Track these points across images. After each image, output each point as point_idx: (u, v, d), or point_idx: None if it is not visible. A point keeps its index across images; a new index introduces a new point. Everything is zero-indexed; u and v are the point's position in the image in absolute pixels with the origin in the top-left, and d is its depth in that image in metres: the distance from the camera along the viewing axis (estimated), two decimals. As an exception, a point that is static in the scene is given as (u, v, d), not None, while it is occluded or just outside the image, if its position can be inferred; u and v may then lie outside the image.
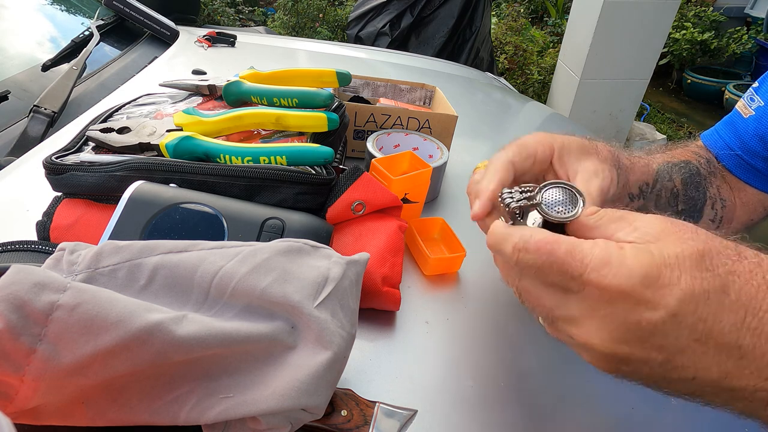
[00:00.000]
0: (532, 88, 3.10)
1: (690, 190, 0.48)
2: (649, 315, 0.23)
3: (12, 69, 0.66)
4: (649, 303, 0.23)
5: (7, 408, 0.23)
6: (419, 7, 2.37)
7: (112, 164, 0.40)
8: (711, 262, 0.23)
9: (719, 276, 0.23)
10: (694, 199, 0.48)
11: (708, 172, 0.50)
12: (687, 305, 0.23)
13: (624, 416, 0.36)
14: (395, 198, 0.45)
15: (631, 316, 0.23)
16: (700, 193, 0.49)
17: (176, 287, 0.28)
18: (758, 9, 3.37)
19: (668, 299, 0.23)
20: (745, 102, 0.50)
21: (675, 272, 0.23)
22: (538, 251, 0.26)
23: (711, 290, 0.23)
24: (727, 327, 0.22)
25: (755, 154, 0.48)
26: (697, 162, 0.50)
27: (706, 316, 0.23)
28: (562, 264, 0.25)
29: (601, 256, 0.24)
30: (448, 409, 0.35)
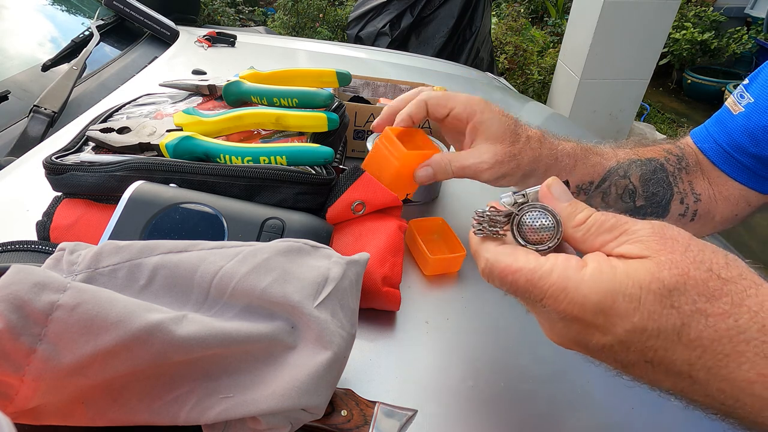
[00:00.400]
0: (532, 88, 3.10)
1: (651, 186, 0.49)
2: (599, 336, 0.24)
3: (12, 69, 0.66)
4: (599, 327, 0.24)
5: (7, 408, 0.23)
6: (419, 7, 2.37)
7: (112, 164, 0.40)
8: (679, 299, 0.23)
9: (683, 314, 0.23)
10: (656, 195, 0.49)
11: (677, 168, 0.51)
12: (636, 336, 0.23)
13: (624, 416, 0.36)
14: (395, 198, 0.45)
15: (583, 333, 0.25)
16: (664, 188, 0.49)
17: (176, 287, 0.28)
18: (758, 9, 3.37)
19: (617, 329, 0.23)
20: (735, 99, 0.50)
21: (632, 304, 0.23)
22: (501, 279, 0.27)
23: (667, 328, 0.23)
24: (679, 361, 0.23)
25: (743, 150, 0.48)
26: (665, 158, 0.51)
27: (657, 348, 0.23)
28: (524, 291, 0.26)
29: (557, 284, 0.25)
30: (448, 409, 0.35)
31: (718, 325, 0.22)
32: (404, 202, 0.56)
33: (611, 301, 0.23)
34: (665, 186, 0.50)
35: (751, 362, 0.22)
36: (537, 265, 0.26)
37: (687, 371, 0.23)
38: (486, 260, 0.28)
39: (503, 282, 0.27)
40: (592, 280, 0.24)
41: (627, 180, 0.48)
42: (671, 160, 0.51)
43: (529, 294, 0.26)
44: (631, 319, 0.23)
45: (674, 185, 0.50)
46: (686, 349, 0.23)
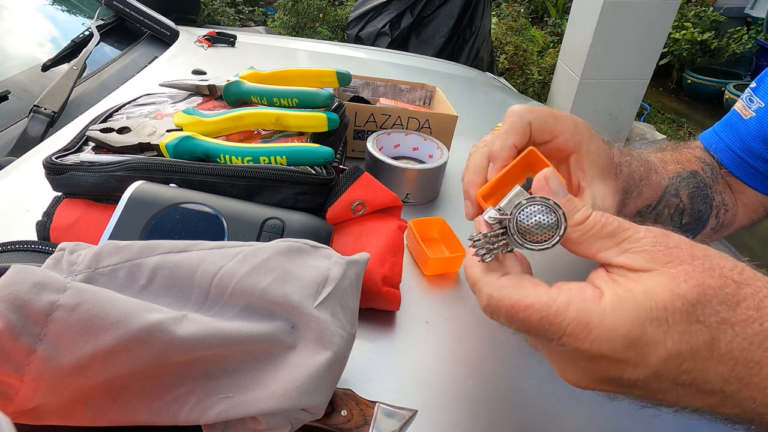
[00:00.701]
0: (532, 88, 3.10)
1: (697, 203, 0.47)
2: (631, 371, 0.22)
3: (12, 69, 0.66)
4: (630, 361, 0.22)
5: (7, 408, 0.23)
6: (419, 7, 2.37)
7: (112, 164, 0.40)
8: (703, 312, 0.21)
9: (710, 328, 0.21)
10: (700, 212, 0.47)
11: (712, 179, 0.49)
12: (671, 363, 0.22)
13: (624, 416, 0.36)
14: (395, 198, 0.45)
15: (612, 370, 0.23)
16: (707, 204, 0.48)
17: (176, 287, 0.28)
18: (758, 9, 3.37)
19: (651, 359, 0.22)
20: (744, 103, 0.50)
21: (661, 328, 0.21)
22: (510, 317, 0.24)
23: (699, 346, 0.21)
24: (713, 378, 0.22)
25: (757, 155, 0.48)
26: (703, 171, 0.49)
27: (691, 370, 0.22)
28: (539, 329, 0.23)
29: (578, 319, 0.22)
30: (448, 409, 0.35)
31: (745, 332, 0.21)
32: (404, 202, 0.56)
33: (640, 331, 0.21)
34: (708, 202, 0.48)
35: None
36: (549, 300, 0.23)
37: (720, 387, 0.22)
38: (489, 297, 0.25)
39: (512, 320, 0.24)
40: (615, 311, 0.22)
41: (678, 198, 0.46)
42: (707, 171, 0.49)
43: (544, 333, 0.23)
44: (665, 345, 0.21)
45: (713, 200, 0.49)
46: (719, 365, 0.22)
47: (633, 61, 2.40)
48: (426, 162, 0.62)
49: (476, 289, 0.26)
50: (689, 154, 0.51)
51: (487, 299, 0.25)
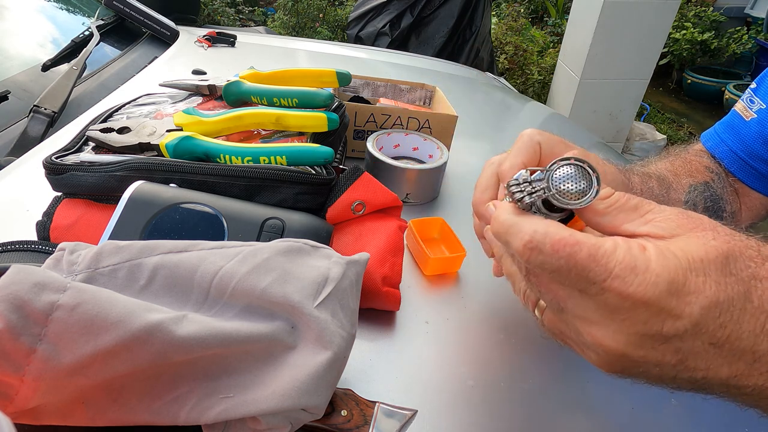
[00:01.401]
0: (532, 88, 3.10)
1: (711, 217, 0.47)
2: (671, 322, 0.22)
3: (12, 69, 0.66)
4: (673, 310, 0.22)
5: (7, 408, 0.23)
6: (419, 7, 2.37)
7: (112, 164, 0.40)
8: (735, 266, 0.22)
9: (743, 281, 0.22)
10: None
11: (722, 190, 0.49)
12: (710, 313, 0.22)
13: (624, 416, 0.36)
14: (395, 198, 0.45)
15: (653, 322, 0.22)
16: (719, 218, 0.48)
17: (176, 287, 0.28)
18: (758, 9, 3.37)
19: (693, 307, 0.22)
20: (745, 104, 0.49)
21: (701, 278, 0.22)
22: (555, 254, 0.23)
23: (735, 297, 0.22)
24: (746, 333, 0.22)
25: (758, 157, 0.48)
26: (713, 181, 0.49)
27: (727, 323, 0.22)
28: (583, 269, 0.23)
29: (626, 262, 0.22)
30: (448, 409, 0.35)
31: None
32: (404, 202, 0.56)
33: (683, 279, 0.22)
34: (720, 214, 0.48)
35: None
36: (597, 242, 0.23)
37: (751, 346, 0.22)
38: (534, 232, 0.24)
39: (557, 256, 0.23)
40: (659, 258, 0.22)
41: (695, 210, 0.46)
42: (716, 182, 0.49)
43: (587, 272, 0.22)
44: (705, 294, 0.21)
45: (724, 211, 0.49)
46: (752, 318, 0.22)
47: (633, 61, 2.40)
48: (426, 162, 0.62)
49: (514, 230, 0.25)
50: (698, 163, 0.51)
51: (530, 235, 0.24)
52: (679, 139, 3.06)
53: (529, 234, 0.24)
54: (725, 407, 0.35)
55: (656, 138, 2.75)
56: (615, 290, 0.22)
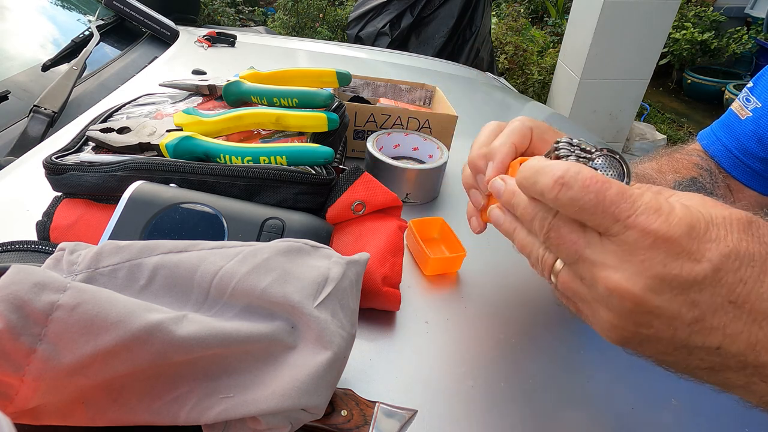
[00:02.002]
0: (532, 88, 3.10)
1: None
2: (690, 266, 0.22)
3: (12, 69, 0.66)
4: (693, 254, 0.22)
5: (7, 408, 0.23)
6: (419, 7, 2.37)
7: (112, 164, 0.40)
8: (758, 231, 0.23)
9: (765, 244, 0.22)
10: None
11: (712, 185, 0.49)
12: (731, 262, 0.22)
13: (624, 416, 0.36)
14: (395, 198, 0.45)
15: (672, 264, 0.22)
16: None
17: (176, 287, 0.28)
18: (758, 9, 3.37)
19: (713, 253, 0.22)
20: (741, 103, 0.50)
21: (722, 230, 0.22)
22: (585, 188, 0.23)
23: (756, 254, 0.22)
24: (766, 293, 0.22)
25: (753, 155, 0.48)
26: (701, 177, 0.49)
27: (747, 278, 0.22)
28: (611, 204, 0.23)
29: (651, 203, 0.23)
30: (448, 409, 0.35)
31: None
32: (404, 202, 0.56)
33: (705, 227, 0.22)
34: None
35: None
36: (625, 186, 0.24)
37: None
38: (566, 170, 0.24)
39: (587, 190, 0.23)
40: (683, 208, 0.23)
41: None
42: (705, 177, 0.49)
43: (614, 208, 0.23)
44: (725, 242, 0.22)
45: None
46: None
47: (633, 61, 2.40)
48: (426, 162, 0.62)
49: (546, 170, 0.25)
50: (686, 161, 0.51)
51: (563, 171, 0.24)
52: (679, 139, 3.06)
53: (562, 170, 0.24)
54: (725, 407, 0.35)
55: (656, 138, 2.75)
56: (639, 226, 0.22)
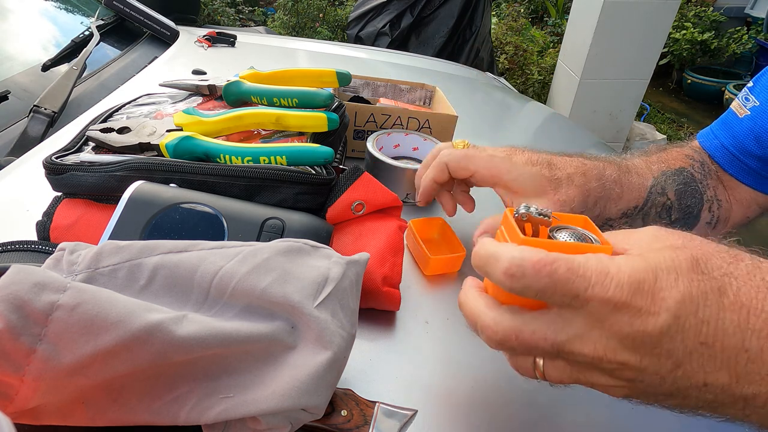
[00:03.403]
0: (532, 88, 3.10)
1: (685, 200, 0.48)
2: (653, 320, 0.23)
3: (12, 69, 0.66)
4: (650, 309, 0.23)
5: (7, 408, 0.23)
6: (419, 7, 2.37)
7: (112, 164, 0.40)
8: (706, 266, 0.23)
9: (715, 278, 0.23)
10: (690, 207, 0.48)
11: (702, 175, 0.50)
12: (687, 307, 0.22)
13: (624, 416, 0.36)
14: (395, 198, 0.45)
15: (636, 322, 0.23)
16: (697, 199, 0.49)
17: (176, 287, 0.28)
18: (758, 9, 3.37)
19: (668, 302, 0.22)
20: (740, 102, 0.50)
21: (672, 275, 0.23)
22: (537, 273, 0.24)
23: (709, 291, 0.23)
24: (731, 328, 0.22)
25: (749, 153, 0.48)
26: (691, 167, 0.50)
27: (707, 318, 0.22)
28: (566, 282, 0.23)
29: (599, 269, 0.23)
30: (448, 409, 0.35)
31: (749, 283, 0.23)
32: (404, 202, 0.56)
33: (654, 278, 0.23)
34: (697, 197, 0.49)
35: None
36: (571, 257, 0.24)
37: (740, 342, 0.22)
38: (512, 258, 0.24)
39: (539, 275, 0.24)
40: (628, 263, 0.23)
41: (665, 197, 0.47)
42: (696, 167, 0.50)
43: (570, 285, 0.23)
44: (678, 288, 0.22)
45: (704, 194, 0.49)
46: (732, 313, 0.22)
47: (633, 61, 2.39)
48: (426, 162, 0.62)
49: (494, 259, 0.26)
50: (676, 152, 0.52)
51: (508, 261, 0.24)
52: (678, 139, 3.06)
53: (508, 260, 0.24)
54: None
55: (656, 138, 2.75)
56: (597, 297, 0.23)
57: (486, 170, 0.43)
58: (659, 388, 0.24)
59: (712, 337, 0.22)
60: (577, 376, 0.26)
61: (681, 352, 0.23)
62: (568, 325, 0.25)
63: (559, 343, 0.25)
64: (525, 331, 0.26)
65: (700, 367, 0.23)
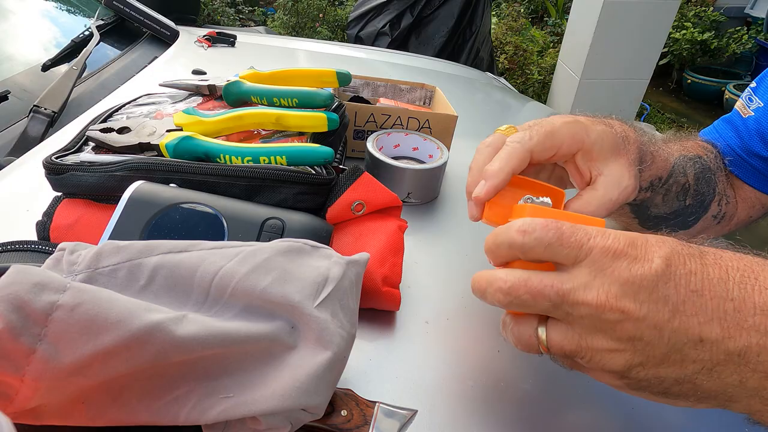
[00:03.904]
0: (532, 88, 3.10)
1: (701, 185, 0.48)
2: (648, 265, 0.25)
3: (12, 69, 0.66)
4: (644, 257, 0.26)
5: (7, 408, 0.23)
6: (419, 7, 2.37)
7: (112, 164, 0.40)
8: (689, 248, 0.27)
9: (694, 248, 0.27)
10: (703, 194, 0.48)
11: (716, 167, 0.50)
12: (676, 258, 0.26)
13: (624, 416, 0.36)
14: (395, 198, 0.45)
15: (634, 268, 0.25)
16: (710, 188, 0.49)
17: (176, 287, 0.28)
18: (758, 9, 3.37)
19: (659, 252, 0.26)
20: (744, 102, 0.50)
21: (659, 241, 0.27)
22: (545, 229, 0.27)
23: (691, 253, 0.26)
24: (715, 279, 0.25)
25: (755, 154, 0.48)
26: (707, 157, 0.50)
27: (695, 270, 0.25)
28: (571, 235, 0.27)
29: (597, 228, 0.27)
30: (448, 409, 0.35)
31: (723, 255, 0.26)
32: (404, 202, 0.56)
33: (643, 239, 0.26)
34: (711, 186, 0.49)
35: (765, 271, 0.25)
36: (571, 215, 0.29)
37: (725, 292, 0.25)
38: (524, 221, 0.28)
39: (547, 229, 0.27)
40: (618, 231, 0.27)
41: (685, 177, 0.46)
42: (710, 158, 0.50)
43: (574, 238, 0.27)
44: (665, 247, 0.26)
45: (716, 184, 0.49)
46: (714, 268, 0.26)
47: (633, 61, 2.40)
48: (426, 162, 0.62)
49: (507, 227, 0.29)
50: (692, 142, 0.52)
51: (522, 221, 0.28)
52: (679, 139, 3.06)
53: (521, 222, 0.28)
54: (725, 407, 0.35)
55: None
56: (598, 246, 0.26)
57: (571, 140, 0.38)
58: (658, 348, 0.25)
59: (700, 285, 0.25)
60: (578, 341, 0.27)
61: (675, 298, 0.25)
62: (574, 277, 0.27)
63: (565, 291, 0.26)
64: (533, 279, 0.27)
65: (694, 314, 0.25)
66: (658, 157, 0.44)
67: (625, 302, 0.25)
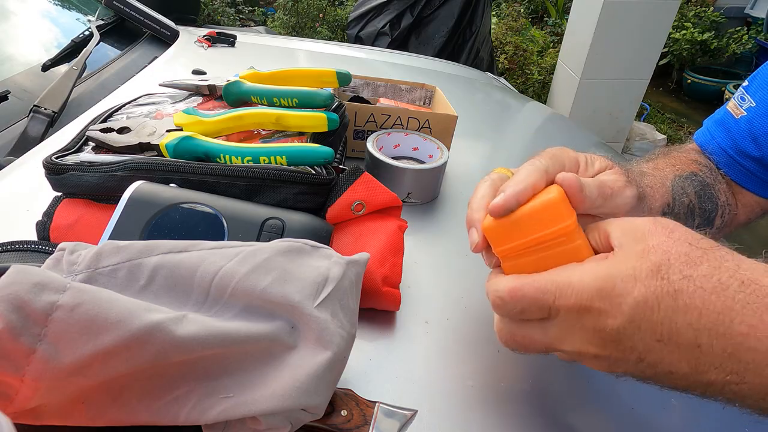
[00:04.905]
0: (532, 88, 3.10)
1: (704, 203, 0.47)
2: (612, 321, 0.26)
3: (12, 69, 0.66)
4: (608, 312, 0.26)
5: (8, 408, 0.23)
6: (419, 7, 2.37)
7: (112, 164, 0.40)
8: (667, 272, 0.25)
9: (672, 282, 0.25)
10: (707, 212, 0.48)
11: (713, 180, 0.49)
12: (641, 311, 0.25)
13: (624, 416, 0.36)
14: (395, 198, 0.45)
15: (598, 323, 0.26)
16: (713, 204, 0.48)
17: (176, 287, 0.28)
18: (758, 9, 3.37)
19: (623, 307, 0.25)
20: (736, 102, 0.49)
21: (629, 283, 0.25)
22: (513, 300, 0.29)
23: (664, 296, 0.25)
24: (683, 328, 0.25)
25: (746, 155, 0.48)
26: (701, 172, 0.49)
27: (662, 320, 0.25)
28: (536, 300, 0.28)
29: (561, 282, 0.27)
30: (448, 409, 0.35)
31: (704, 285, 0.25)
32: (404, 202, 0.56)
33: (612, 285, 0.26)
34: (713, 201, 0.48)
35: (740, 315, 0.24)
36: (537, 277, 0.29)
37: (693, 339, 0.25)
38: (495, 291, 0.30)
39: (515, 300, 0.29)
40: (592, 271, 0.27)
41: (688, 198, 0.46)
42: (705, 173, 0.49)
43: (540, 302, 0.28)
44: (633, 295, 0.25)
45: (718, 199, 0.49)
46: (684, 314, 0.25)
47: (633, 61, 2.39)
48: (426, 162, 0.62)
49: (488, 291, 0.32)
50: (683, 157, 0.51)
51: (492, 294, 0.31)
52: (678, 139, 3.06)
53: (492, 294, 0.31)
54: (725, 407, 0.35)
55: (656, 138, 2.75)
56: (563, 308, 0.27)
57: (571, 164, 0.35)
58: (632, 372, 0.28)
59: (666, 336, 0.25)
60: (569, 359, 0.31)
61: (641, 347, 0.26)
62: (550, 331, 0.29)
63: (547, 343, 0.30)
64: (518, 335, 0.31)
65: (661, 359, 0.26)
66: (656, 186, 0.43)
67: (596, 350, 0.27)
